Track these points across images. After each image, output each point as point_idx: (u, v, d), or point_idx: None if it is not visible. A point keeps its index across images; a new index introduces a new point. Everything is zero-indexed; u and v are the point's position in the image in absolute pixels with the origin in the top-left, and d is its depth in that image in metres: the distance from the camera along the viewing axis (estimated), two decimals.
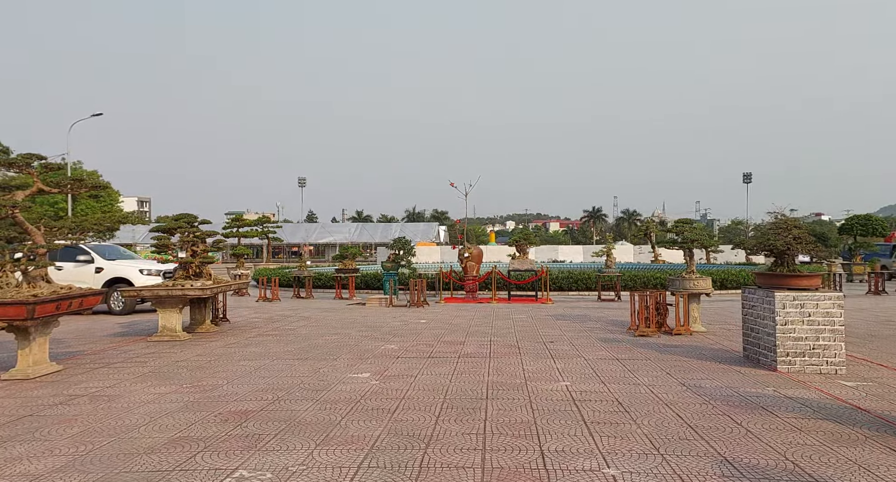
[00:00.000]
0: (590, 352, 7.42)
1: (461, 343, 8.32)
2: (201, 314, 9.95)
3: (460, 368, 6.53)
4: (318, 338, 8.89)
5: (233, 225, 32.12)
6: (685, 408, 4.76)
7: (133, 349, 8.16)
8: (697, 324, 9.05)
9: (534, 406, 4.90)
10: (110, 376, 6.41)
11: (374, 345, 8.26)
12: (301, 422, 4.57)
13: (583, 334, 9.02)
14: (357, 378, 6.13)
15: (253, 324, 10.78)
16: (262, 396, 5.41)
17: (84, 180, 6.92)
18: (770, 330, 6.08)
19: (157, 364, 7.06)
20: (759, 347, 6.35)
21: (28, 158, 6.38)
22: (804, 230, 6.17)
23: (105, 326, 10.91)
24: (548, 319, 11.07)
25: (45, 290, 6.55)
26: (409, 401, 5.16)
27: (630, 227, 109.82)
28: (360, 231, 74.30)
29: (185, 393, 5.60)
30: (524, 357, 7.18)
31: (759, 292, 6.33)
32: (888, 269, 23.94)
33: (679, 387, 5.46)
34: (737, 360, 6.76)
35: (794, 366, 5.93)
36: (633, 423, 4.36)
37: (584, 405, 4.90)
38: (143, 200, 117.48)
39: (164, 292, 8.97)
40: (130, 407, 5.11)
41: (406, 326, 10.25)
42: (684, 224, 9.51)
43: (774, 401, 4.94)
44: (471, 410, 4.80)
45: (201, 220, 10.28)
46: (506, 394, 5.34)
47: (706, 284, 8.96)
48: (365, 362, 6.98)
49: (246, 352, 7.74)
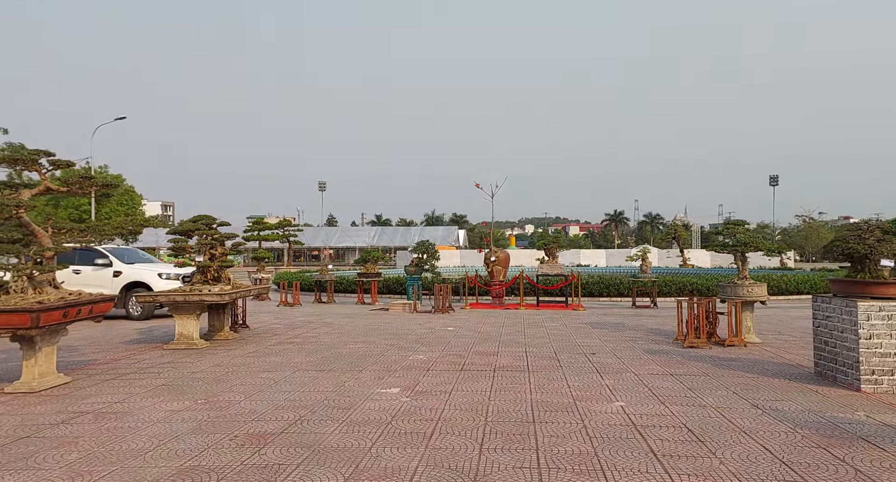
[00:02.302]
0: (638, 366, 6.77)
1: (494, 354, 7.72)
2: (220, 320, 9.50)
3: (498, 384, 5.93)
4: (342, 347, 8.36)
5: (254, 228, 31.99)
6: (770, 437, 4.10)
7: (148, 358, 7.71)
8: (751, 335, 8.33)
9: (590, 432, 4.29)
10: (121, 390, 5.94)
11: (401, 355, 7.70)
12: (326, 448, 4.02)
13: (625, 345, 8.36)
14: (386, 394, 5.57)
15: (273, 331, 10.31)
16: (283, 415, 4.88)
17: (94, 178, 6.49)
18: (851, 344, 5.38)
19: (171, 375, 6.58)
20: (837, 363, 5.64)
21: (35, 155, 5.96)
22: (889, 231, 5.47)
23: (121, 332, 10.53)
24: (583, 328, 10.41)
25: (52, 296, 6.11)
26: (447, 423, 4.58)
27: (653, 231, 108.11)
28: (380, 235, 74.12)
29: (199, 410, 5.09)
30: (566, 371, 6.56)
31: (836, 301, 5.63)
32: None
33: (753, 411, 4.80)
34: (807, 377, 6.05)
35: (882, 385, 5.22)
36: (714, 457, 3.72)
37: (649, 432, 4.27)
38: (166, 204, 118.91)
39: (180, 298, 8.52)
40: (138, 427, 4.61)
41: (433, 334, 9.68)
42: (736, 226, 8.79)
43: (872, 429, 4.26)
44: (518, 437, 4.21)
45: (220, 222, 9.83)
46: (555, 416, 4.73)
47: (761, 291, 8.24)
48: (393, 375, 6.42)
49: (266, 363, 7.24)
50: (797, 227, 72.86)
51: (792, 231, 70.91)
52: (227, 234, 10.10)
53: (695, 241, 64.20)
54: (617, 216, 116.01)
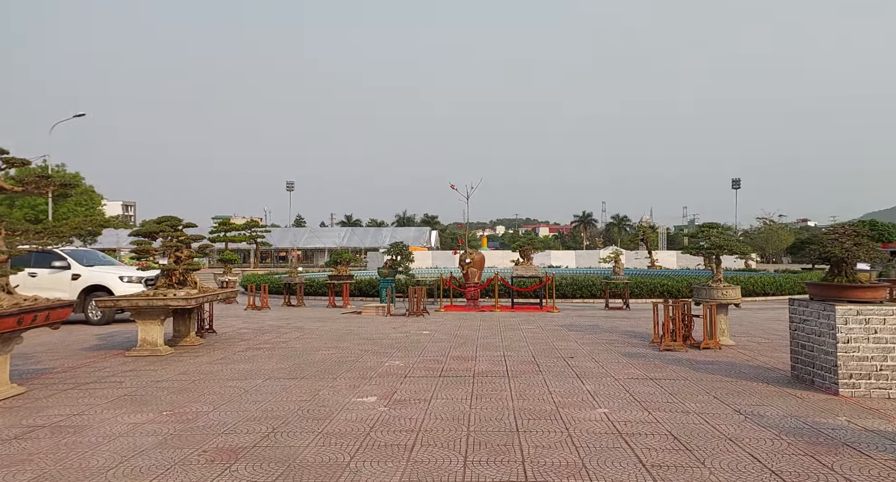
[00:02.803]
0: (618, 371, 6.71)
1: (472, 358, 7.58)
2: (185, 325, 9.13)
3: (478, 391, 5.79)
4: (314, 353, 8.11)
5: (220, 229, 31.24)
6: (755, 445, 4.05)
7: (108, 366, 7.34)
8: (726, 338, 8.38)
9: (575, 442, 4.18)
10: (79, 400, 5.60)
11: (376, 361, 7.49)
12: (302, 463, 3.81)
13: (602, 348, 8.32)
14: (362, 403, 5.37)
15: (242, 336, 9.97)
16: (255, 427, 4.64)
17: (52, 177, 6.11)
18: (829, 348, 5.40)
19: (134, 385, 6.25)
20: (814, 367, 5.67)
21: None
22: (865, 235, 5.52)
23: (81, 338, 10.05)
24: (559, 330, 10.36)
25: (6, 302, 5.73)
26: (428, 434, 4.41)
27: (620, 233, 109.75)
28: (350, 236, 73.37)
29: (164, 422, 4.81)
30: (546, 376, 6.45)
31: (814, 305, 5.66)
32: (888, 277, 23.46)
33: (736, 416, 4.76)
34: (785, 381, 6.07)
35: (859, 389, 5.26)
36: (703, 467, 3.64)
37: (635, 441, 4.18)
38: (128, 204, 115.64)
39: (143, 302, 8.14)
40: (98, 442, 4.32)
41: (408, 338, 9.49)
42: (711, 228, 8.84)
43: (856, 435, 4.25)
44: (503, 448, 4.07)
45: (186, 223, 9.46)
46: (538, 425, 4.61)
47: (736, 294, 8.29)
48: (369, 383, 6.22)
49: (234, 370, 6.95)
50: (758, 229, 74.79)
51: (753, 233, 72.74)
52: (194, 236, 9.73)
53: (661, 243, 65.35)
54: (585, 218, 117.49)
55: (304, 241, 72.14)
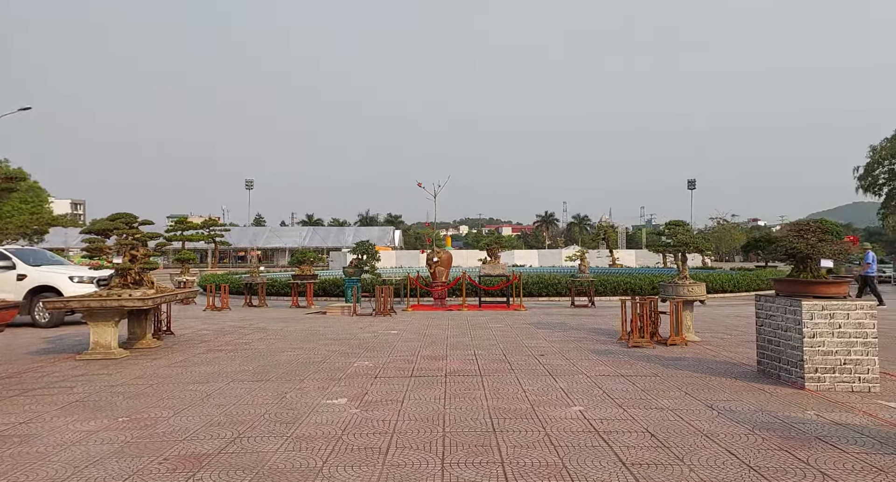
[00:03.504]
0: (589, 368, 6.71)
1: (443, 358, 7.47)
2: (141, 327, 8.73)
3: (451, 390, 5.68)
4: (279, 354, 7.85)
5: (177, 227, 30.27)
6: (731, 440, 4.06)
7: (58, 371, 6.93)
8: (691, 334, 8.50)
9: (553, 441, 4.11)
10: (27, 408, 5.24)
11: (344, 361, 7.30)
12: (272, 470, 3.63)
13: (571, 345, 8.32)
14: (333, 405, 5.19)
15: (202, 338, 9.61)
16: (219, 432, 4.42)
17: None
18: (795, 343, 5.50)
19: (86, 390, 5.91)
20: (780, 362, 5.77)
21: None
22: (829, 231, 5.64)
23: (27, 342, 9.50)
24: (528, 328, 10.35)
25: None
26: (402, 436, 4.27)
27: (581, 232, 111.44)
28: (312, 235, 72.30)
29: (120, 429, 4.54)
30: (519, 374, 6.39)
31: (780, 301, 5.76)
32: None
33: (709, 412, 4.78)
34: (752, 376, 6.17)
35: (824, 383, 5.37)
36: (682, 464, 3.62)
37: (613, 439, 4.14)
38: (76, 203, 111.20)
39: (96, 303, 7.73)
40: (49, 452, 4.03)
41: (376, 338, 9.31)
42: (677, 226, 8.97)
43: (826, 429, 4.31)
44: (480, 449, 3.96)
45: (142, 221, 9.05)
46: (515, 424, 4.52)
47: (701, 291, 8.43)
48: (338, 384, 6.04)
49: (195, 373, 6.66)
50: (712, 228, 77.04)
51: (707, 232, 74.89)
52: (150, 234, 9.33)
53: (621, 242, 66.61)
54: (548, 217, 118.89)
55: (265, 240, 70.73)
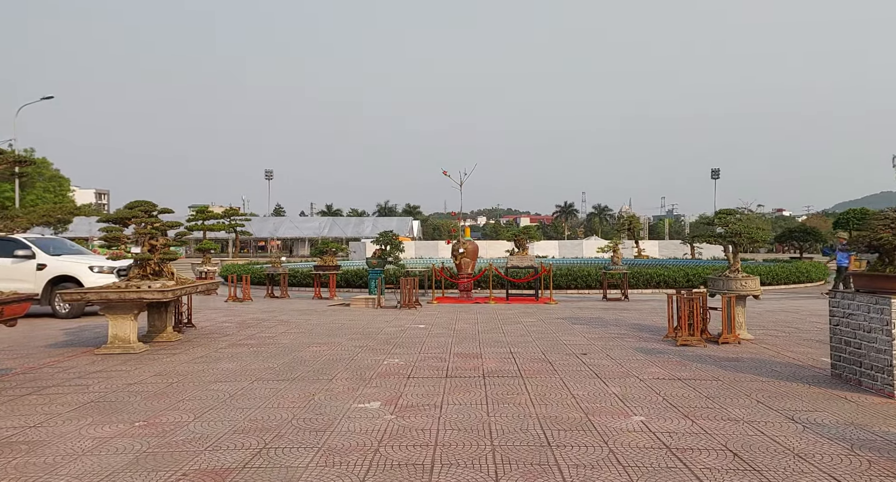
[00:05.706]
0: (639, 369, 6.17)
1: (478, 356, 6.98)
2: (161, 320, 8.38)
3: (492, 394, 5.19)
4: (304, 350, 7.44)
5: (198, 217, 30.14)
6: (831, 463, 3.51)
7: (75, 366, 6.59)
8: (744, 331, 7.90)
9: (621, 459, 3.60)
10: (39, 409, 4.88)
11: (373, 358, 6.86)
12: None
13: (613, 343, 7.78)
14: (365, 410, 4.74)
15: (224, 331, 9.24)
16: (244, 441, 3.99)
17: (5, 154, 5.34)
18: (883, 345, 4.90)
19: (102, 388, 5.54)
20: (862, 366, 5.18)
21: None
22: None
23: (46, 334, 9.23)
24: (562, 323, 9.82)
25: None
26: (447, 449, 3.80)
27: (601, 223, 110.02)
28: (331, 225, 72.26)
29: (137, 436, 4.14)
30: (563, 376, 5.88)
31: (862, 297, 5.16)
32: None
33: (793, 426, 4.23)
34: (825, 381, 5.58)
35: None
36: None
37: (690, 458, 3.62)
38: (101, 193, 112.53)
39: (115, 295, 7.38)
40: (56, 463, 3.63)
41: (404, 333, 8.86)
42: (728, 215, 8.35)
43: None
44: (538, 468, 3.47)
45: (161, 209, 8.67)
46: (571, 437, 4.02)
47: (755, 285, 7.81)
48: (369, 385, 5.59)
49: (217, 371, 6.26)
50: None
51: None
52: (170, 223, 8.94)
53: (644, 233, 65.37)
54: (567, 208, 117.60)
55: (284, 230, 70.86)
